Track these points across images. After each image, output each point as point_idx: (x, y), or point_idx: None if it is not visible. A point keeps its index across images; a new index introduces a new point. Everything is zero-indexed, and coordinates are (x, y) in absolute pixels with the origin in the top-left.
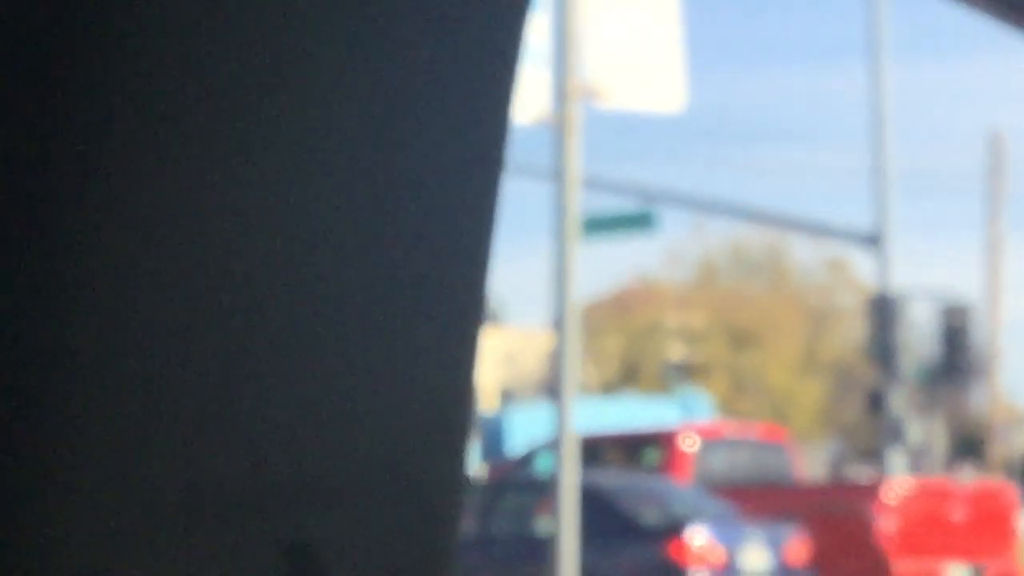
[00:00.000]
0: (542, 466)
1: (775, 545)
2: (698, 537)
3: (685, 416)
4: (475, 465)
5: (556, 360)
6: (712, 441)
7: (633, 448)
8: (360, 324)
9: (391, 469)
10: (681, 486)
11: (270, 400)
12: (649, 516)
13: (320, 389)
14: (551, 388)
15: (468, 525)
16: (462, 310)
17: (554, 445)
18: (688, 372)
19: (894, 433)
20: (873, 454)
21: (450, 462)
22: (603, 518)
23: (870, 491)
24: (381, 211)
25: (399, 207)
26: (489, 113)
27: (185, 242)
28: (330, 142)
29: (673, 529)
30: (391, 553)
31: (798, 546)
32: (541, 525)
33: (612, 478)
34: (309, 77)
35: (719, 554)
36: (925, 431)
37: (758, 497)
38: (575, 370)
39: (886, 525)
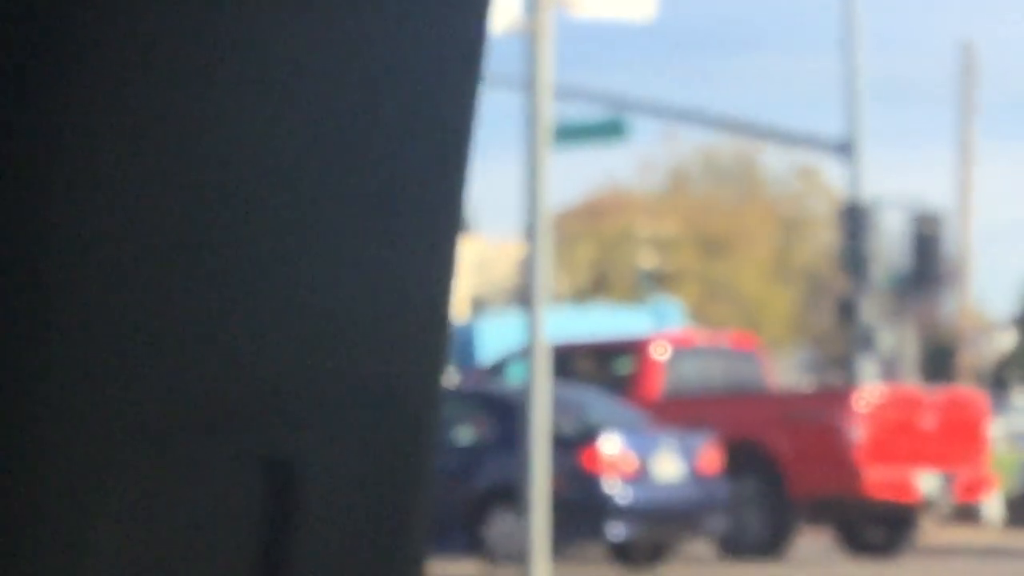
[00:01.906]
0: (513, 375)
1: (688, 453)
2: (610, 445)
3: (657, 325)
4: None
5: (528, 269)
6: (683, 350)
7: (604, 357)
8: (336, 238)
9: (368, 383)
10: (597, 395)
11: (245, 315)
12: (565, 425)
13: (296, 303)
14: (523, 297)
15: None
16: (439, 222)
17: (525, 354)
18: (660, 280)
19: (865, 341)
20: (844, 362)
21: (427, 375)
22: (519, 426)
23: (841, 399)
24: (354, 123)
25: (372, 120)
26: (465, 22)
27: (167, 163)
28: (306, 54)
29: (587, 437)
30: (368, 467)
31: (711, 454)
32: (463, 435)
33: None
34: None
35: (631, 462)
36: (896, 339)
37: (729, 405)
38: (547, 279)
39: (856, 433)
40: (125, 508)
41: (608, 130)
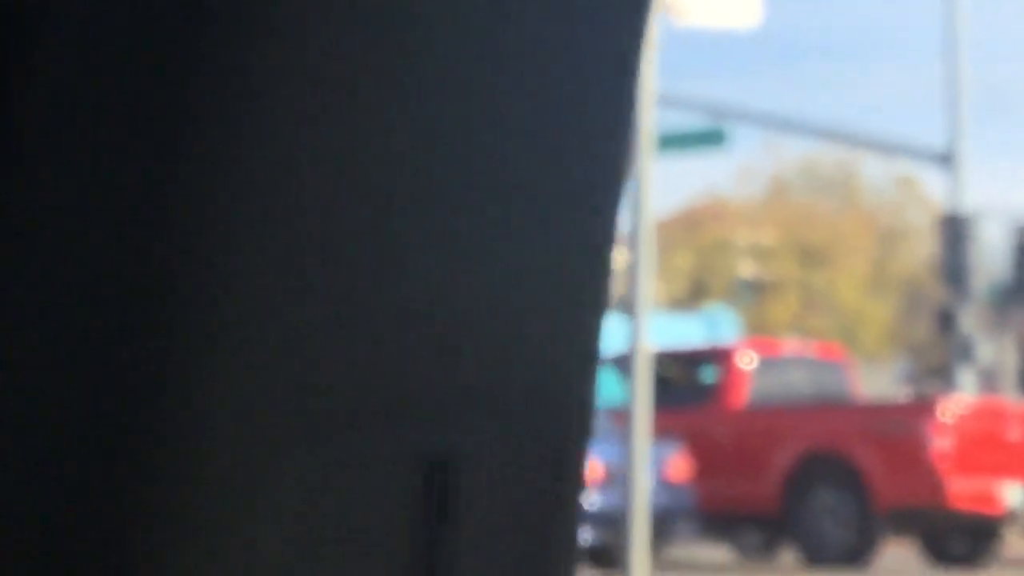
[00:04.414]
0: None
1: (657, 462)
2: None
3: (709, 333)
4: None
5: (629, 277)
6: (769, 359)
7: (690, 365)
8: (492, 235)
9: (522, 381)
10: None
11: (397, 313)
12: None
13: (450, 301)
14: (624, 303)
15: None
16: (595, 218)
17: (617, 363)
18: (758, 289)
19: (964, 352)
20: (942, 373)
21: (582, 372)
22: None
23: (925, 410)
24: (511, 125)
25: (529, 121)
26: (623, 21)
27: (307, 163)
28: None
29: None
30: (523, 465)
31: (679, 463)
32: None
33: None
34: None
35: (598, 470)
36: (996, 351)
37: (814, 416)
38: (648, 288)
39: (940, 444)
40: (278, 509)
41: (709, 139)
